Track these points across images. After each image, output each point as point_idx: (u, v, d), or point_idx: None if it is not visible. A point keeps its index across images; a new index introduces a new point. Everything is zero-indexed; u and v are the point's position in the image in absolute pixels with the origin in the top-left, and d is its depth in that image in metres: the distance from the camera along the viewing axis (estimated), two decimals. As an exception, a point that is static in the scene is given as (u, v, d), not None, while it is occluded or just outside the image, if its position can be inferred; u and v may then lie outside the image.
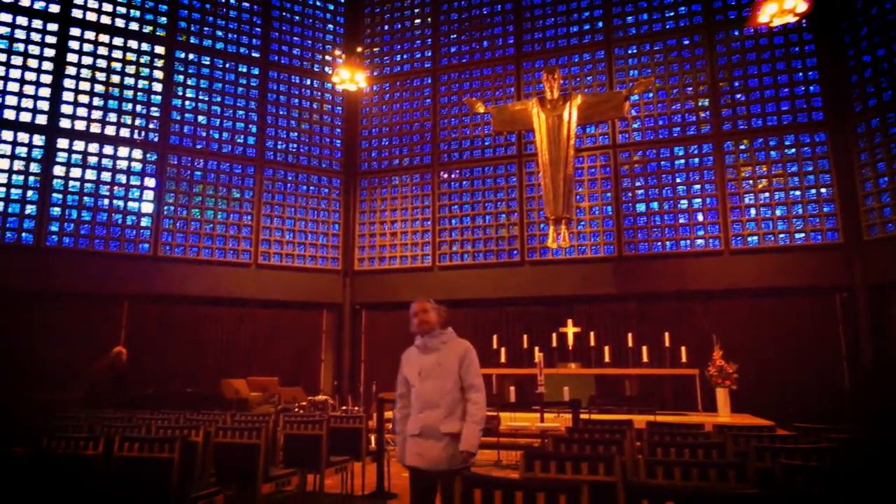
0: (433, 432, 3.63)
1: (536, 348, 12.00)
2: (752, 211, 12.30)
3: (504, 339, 13.08)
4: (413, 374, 3.81)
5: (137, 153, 13.21)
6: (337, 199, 15.24)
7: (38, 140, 12.26)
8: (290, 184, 14.76)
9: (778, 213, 12.14)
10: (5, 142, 11.98)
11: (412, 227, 14.72)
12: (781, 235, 12.05)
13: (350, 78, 13.10)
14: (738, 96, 12.78)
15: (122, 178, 13.00)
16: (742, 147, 12.60)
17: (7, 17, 12.28)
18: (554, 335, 12.74)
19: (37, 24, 12.54)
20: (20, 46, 12.35)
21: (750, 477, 3.25)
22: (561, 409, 9.97)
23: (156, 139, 13.39)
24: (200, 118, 13.98)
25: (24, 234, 11.88)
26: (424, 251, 14.48)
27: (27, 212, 11.98)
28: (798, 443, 4.64)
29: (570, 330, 12.73)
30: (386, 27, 15.95)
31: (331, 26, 15.86)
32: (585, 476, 3.26)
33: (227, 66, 14.45)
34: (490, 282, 13.71)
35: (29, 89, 12.29)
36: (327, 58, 15.61)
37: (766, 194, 12.28)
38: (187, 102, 13.88)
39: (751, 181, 12.43)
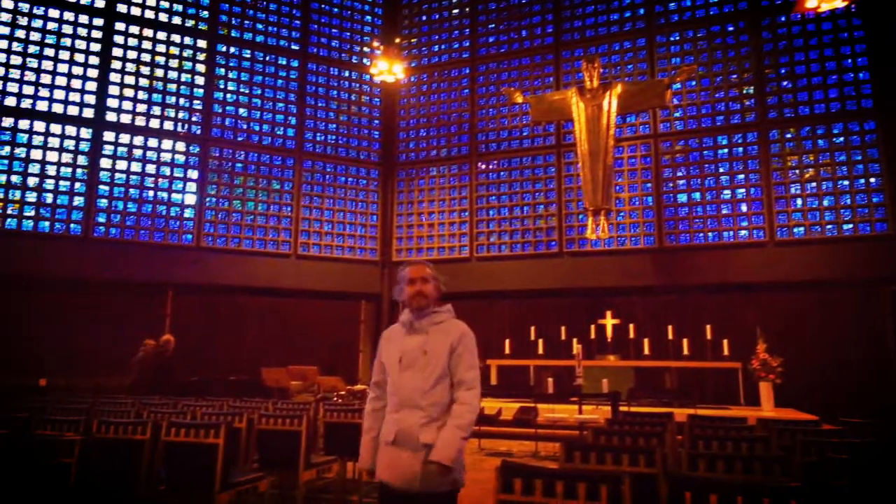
0: (409, 440, 2.80)
1: (575, 340, 11.93)
2: (799, 201, 11.97)
3: (542, 331, 13.01)
4: (392, 360, 2.97)
5: (180, 146, 13.48)
6: (375, 191, 15.33)
7: (86, 133, 12.60)
8: (329, 175, 14.90)
9: (825, 203, 11.79)
10: (54, 135, 12.35)
11: (450, 218, 14.72)
12: (829, 226, 11.70)
13: (388, 69, 13.16)
14: (785, 84, 12.42)
15: (166, 171, 13.29)
16: (788, 136, 12.26)
17: (55, 13, 12.63)
18: (592, 327, 12.63)
19: (83, 19, 12.86)
20: (67, 41, 12.69)
21: (795, 471, 3.18)
22: (600, 401, 9.91)
23: (198, 132, 13.65)
24: (241, 111, 14.19)
25: (72, 226, 12.25)
26: (462, 242, 14.48)
27: (75, 203, 12.34)
28: (844, 437, 4.52)
29: (609, 322, 12.60)
30: (424, 17, 15.93)
31: (369, 17, 15.92)
32: (626, 468, 3.22)
33: (268, 59, 14.63)
34: (528, 273, 13.64)
35: (76, 83, 12.63)
36: (365, 49, 15.68)
37: (813, 184, 11.94)
38: (228, 95, 14.10)
39: (797, 171, 12.10)
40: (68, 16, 12.74)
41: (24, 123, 12.09)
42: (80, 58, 12.72)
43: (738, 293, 12.15)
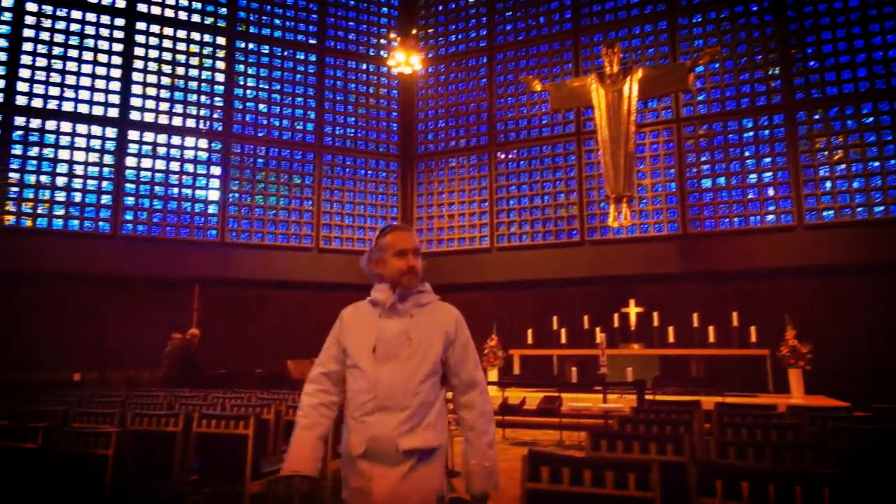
0: (386, 450, 2.20)
1: (598, 329, 11.86)
2: (828, 184, 11.75)
3: (564, 320, 12.95)
4: (362, 348, 2.35)
5: (203, 142, 13.63)
6: (395, 183, 15.36)
7: (111, 132, 12.78)
8: (349, 168, 14.96)
9: (855, 185, 11.56)
10: (80, 135, 12.54)
11: (470, 208, 14.69)
12: (859, 209, 11.48)
13: (405, 61, 13.13)
14: (812, 63, 12.15)
15: (190, 168, 13.44)
16: (816, 117, 12.02)
17: (77, 14, 12.79)
18: (616, 315, 12.53)
19: (105, 19, 13.01)
20: (90, 42, 12.85)
21: (828, 458, 3.14)
22: (624, 389, 9.84)
23: (220, 128, 13.77)
24: (261, 106, 14.29)
25: (101, 224, 12.45)
26: (483, 233, 14.45)
27: (103, 201, 12.54)
28: (877, 424, 4.44)
29: (633, 310, 12.50)
30: (440, 7, 15.85)
31: (385, 9, 15.89)
32: (654, 456, 3.20)
33: (286, 53, 14.70)
34: (550, 262, 13.58)
35: (100, 83, 12.80)
36: (382, 42, 15.67)
37: (843, 166, 11.70)
38: (248, 91, 14.20)
39: (826, 153, 11.86)
40: (90, 17, 12.90)
41: (51, 124, 12.30)
42: (102, 58, 12.89)
43: (765, 279, 11.96)
